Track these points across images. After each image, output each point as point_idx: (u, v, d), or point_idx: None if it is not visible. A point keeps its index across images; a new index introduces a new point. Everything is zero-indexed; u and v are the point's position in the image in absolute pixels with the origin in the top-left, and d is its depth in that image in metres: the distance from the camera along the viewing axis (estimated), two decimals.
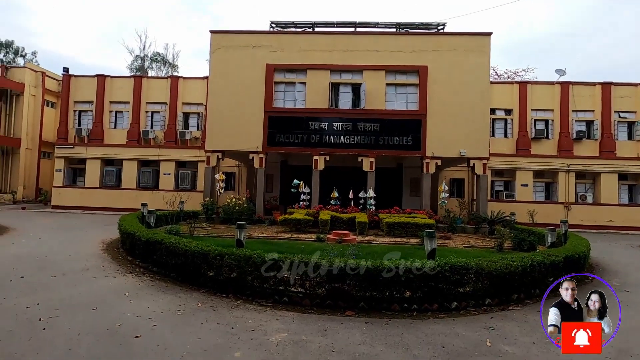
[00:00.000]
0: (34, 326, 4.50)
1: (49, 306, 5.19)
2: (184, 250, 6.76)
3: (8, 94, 25.31)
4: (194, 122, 23.19)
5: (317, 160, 16.56)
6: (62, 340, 4.12)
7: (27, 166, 25.82)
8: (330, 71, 16.95)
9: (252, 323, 4.83)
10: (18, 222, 14.67)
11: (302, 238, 11.98)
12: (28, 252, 9.01)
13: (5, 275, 6.79)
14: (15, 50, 44.96)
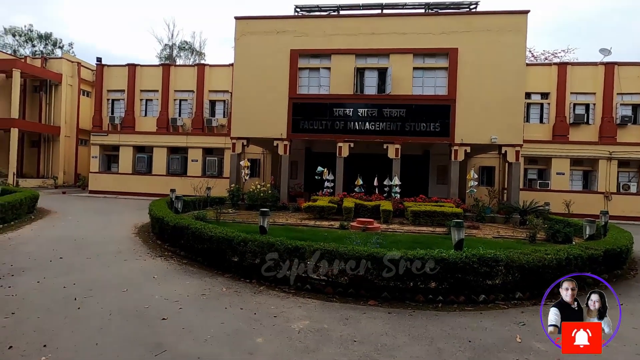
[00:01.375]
0: (70, 305, 4.74)
1: (84, 286, 5.46)
2: (209, 235, 6.89)
3: (48, 84, 26.61)
4: (220, 109, 23.49)
5: (341, 147, 16.38)
6: (95, 320, 4.32)
7: (66, 153, 27.24)
8: (355, 56, 16.55)
9: (275, 309, 4.86)
10: (58, 205, 15.56)
11: (326, 225, 11.97)
12: (67, 234, 9.54)
13: (46, 255, 7.21)
14: (54, 42, 46.97)
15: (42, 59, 27.76)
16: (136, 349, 3.67)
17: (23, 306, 4.64)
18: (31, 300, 4.86)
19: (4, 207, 10.26)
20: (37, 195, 13.57)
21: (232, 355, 3.62)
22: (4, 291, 5.16)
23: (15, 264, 6.54)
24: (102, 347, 3.66)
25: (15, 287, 5.33)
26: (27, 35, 45.37)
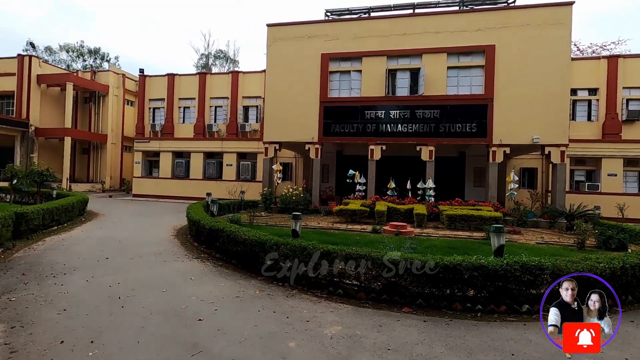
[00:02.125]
0: (115, 303, 5.01)
1: (127, 286, 5.76)
2: (243, 238, 7.04)
3: (96, 95, 28.62)
4: (253, 114, 24.08)
5: (373, 150, 16.19)
6: (137, 318, 4.53)
7: (113, 159, 29.09)
8: (386, 57, 16.35)
9: (307, 314, 4.86)
10: (106, 208, 16.60)
11: (358, 229, 11.85)
12: (112, 235, 10.13)
13: (94, 256, 7.69)
14: (102, 55, 50.47)
15: (92, 72, 29.91)
16: (174, 348, 3.79)
17: (74, 303, 4.97)
18: (81, 298, 5.19)
19: (58, 210, 11.10)
20: (87, 199, 14.55)
21: (265, 359, 3.65)
22: (58, 289, 5.55)
23: (67, 263, 7.03)
24: (143, 345, 3.83)
25: (67, 285, 5.72)
26: (78, 50, 49.08)
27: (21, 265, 6.78)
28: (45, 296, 5.20)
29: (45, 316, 4.50)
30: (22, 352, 3.60)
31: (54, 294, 5.29)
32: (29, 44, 46.99)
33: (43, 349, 3.67)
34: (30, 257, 7.43)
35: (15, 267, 6.65)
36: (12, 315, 4.48)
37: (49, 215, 10.38)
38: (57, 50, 48.58)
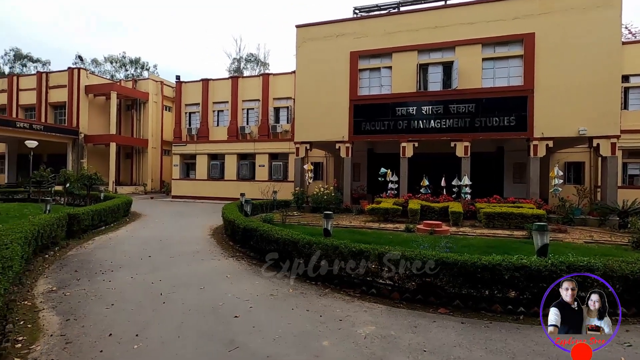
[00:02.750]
0: (157, 299, 5.27)
1: (168, 283, 6.03)
2: (276, 237, 7.15)
3: (137, 102, 30.26)
4: (283, 115, 24.42)
5: (404, 147, 15.87)
6: (177, 314, 4.73)
7: (153, 162, 30.63)
8: (417, 52, 15.95)
9: (340, 313, 4.85)
10: (148, 209, 17.52)
11: (391, 228, 11.67)
12: (154, 235, 10.67)
13: (138, 254, 8.14)
14: (142, 65, 53.36)
15: (133, 81, 31.67)
16: (212, 344, 3.92)
17: (120, 298, 5.28)
18: (126, 294, 5.50)
19: (106, 211, 11.85)
20: (131, 201, 15.42)
21: (299, 357, 3.68)
22: (106, 284, 5.93)
23: (114, 261, 7.49)
24: (184, 340, 3.99)
25: (114, 282, 6.09)
26: (121, 61, 52.18)
27: (74, 263, 7.30)
28: (95, 291, 5.57)
29: (95, 310, 4.82)
30: (76, 343, 3.87)
31: (102, 290, 5.66)
32: (77, 58, 50.65)
33: (94, 341, 3.93)
34: (81, 255, 7.99)
35: (69, 264, 7.18)
36: (66, 309, 4.84)
37: (97, 216, 11.11)
38: (102, 62, 51.96)
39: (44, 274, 6.53)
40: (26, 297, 5.28)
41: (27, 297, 5.28)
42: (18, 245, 5.63)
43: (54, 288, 5.72)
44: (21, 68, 51.40)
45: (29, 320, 4.45)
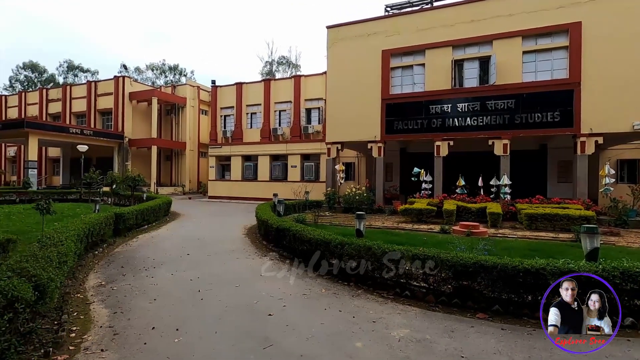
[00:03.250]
0: (195, 296, 5.48)
1: (206, 280, 6.26)
2: (308, 238, 7.21)
3: (176, 107, 31.70)
4: (315, 116, 24.58)
5: (439, 146, 15.42)
6: (214, 310, 4.90)
7: (191, 164, 31.95)
8: (452, 47, 15.46)
9: (373, 314, 4.80)
10: (186, 209, 18.29)
11: (425, 229, 11.39)
12: (192, 233, 11.12)
13: (177, 252, 8.51)
14: (180, 71, 55.87)
15: (172, 87, 33.24)
16: (247, 340, 4.02)
17: (162, 294, 5.55)
18: (167, 290, 5.78)
19: (148, 210, 12.52)
20: (171, 201, 16.18)
21: (332, 357, 3.68)
22: (149, 280, 6.25)
23: (156, 258, 7.89)
24: (220, 336, 4.12)
25: (156, 278, 6.41)
26: (161, 68, 54.93)
27: (120, 259, 7.78)
28: (139, 287, 5.90)
29: (140, 304, 5.10)
30: (122, 335, 4.12)
31: (146, 285, 5.98)
32: (122, 66, 53.92)
33: (138, 333, 4.16)
34: (127, 252, 8.49)
35: (115, 261, 7.65)
36: (114, 302, 5.16)
37: (141, 215, 11.76)
38: (144, 70, 54.97)
39: (94, 269, 7.00)
40: (79, 290, 5.69)
41: (79, 290, 5.69)
42: (72, 242, 6.09)
43: (102, 282, 6.12)
44: (73, 78, 55.59)
45: (81, 311, 4.80)
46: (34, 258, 4.54)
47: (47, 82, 54.39)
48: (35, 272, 4.02)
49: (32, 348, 3.67)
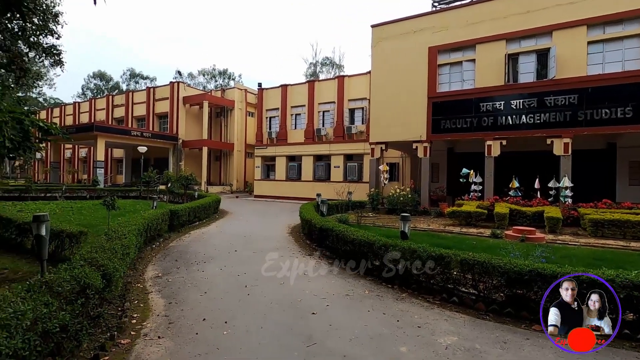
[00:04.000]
0: (242, 291, 5.70)
1: (252, 276, 6.49)
2: (351, 238, 7.18)
3: (225, 110, 33.19)
4: (358, 116, 24.43)
5: (490, 146, 14.61)
6: (260, 306, 5.06)
7: (238, 164, 33.26)
8: (505, 41, 14.58)
9: (418, 319, 4.67)
10: (233, 207, 19.08)
11: (474, 233, 10.86)
12: (239, 231, 11.57)
13: (226, 248, 8.91)
14: (229, 75, 58.40)
15: (221, 91, 34.83)
16: (291, 337, 4.11)
17: (211, 288, 5.85)
18: (216, 284, 6.07)
19: (199, 208, 13.24)
20: (220, 199, 16.96)
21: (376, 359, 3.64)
22: (200, 274, 6.62)
23: (206, 253, 8.32)
24: (266, 331, 4.25)
25: (206, 272, 6.76)
26: (211, 73, 57.85)
27: (174, 253, 8.31)
28: (192, 280, 6.26)
29: (192, 296, 5.41)
30: (177, 324, 4.40)
31: (197, 279, 6.33)
32: (177, 73, 57.56)
33: (190, 324, 4.42)
34: (180, 247, 9.05)
35: (170, 254, 8.19)
36: (169, 293, 5.53)
37: (192, 212, 12.47)
38: (196, 75, 58.21)
39: (152, 261, 7.55)
40: (139, 280, 6.17)
41: (139, 280, 6.17)
42: (133, 236, 6.62)
43: (159, 274, 6.58)
44: (134, 85, 60.38)
45: (140, 300, 5.20)
46: (101, 249, 5.00)
47: (113, 89, 59.67)
48: (103, 262, 4.43)
49: (99, 331, 4.05)
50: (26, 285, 3.40)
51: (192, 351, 3.73)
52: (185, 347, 3.81)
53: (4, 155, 4.88)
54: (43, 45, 11.77)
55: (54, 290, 3.38)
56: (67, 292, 3.49)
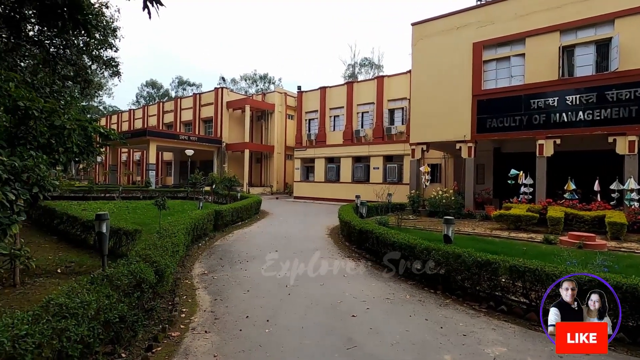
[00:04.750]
0: (283, 290, 5.81)
1: (292, 277, 6.59)
2: (392, 241, 7.06)
3: (265, 113, 34.09)
4: (398, 116, 23.97)
5: (542, 145, 13.68)
6: (300, 306, 5.13)
7: (278, 166, 33.98)
8: (559, 32, 13.60)
9: (463, 327, 4.48)
10: (273, 208, 19.52)
11: (524, 238, 10.22)
12: (280, 231, 11.81)
13: (267, 248, 9.14)
14: (269, 79, 59.97)
15: (262, 95, 35.83)
16: (332, 339, 4.12)
17: (254, 286, 6.02)
18: (258, 282, 6.24)
19: (242, 209, 13.71)
20: (261, 200, 17.44)
21: None
22: (243, 273, 6.84)
23: (248, 253, 8.59)
24: (307, 331, 4.30)
25: (249, 271, 6.98)
26: (252, 78, 59.71)
27: (219, 252, 8.67)
28: (235, 278, 6.49)
29: (235, 294, 5.61)
30: (222, 320, 4.59)
31: (240, 277, 6.55)
32: (220, 79, 60.10)
33: (235, 320, 4.58)
34: (224, 246, 9.42)
35: (215, 253, 8.56)
36: (215, 290, 5.78)
37: (235, 213, 12.94)
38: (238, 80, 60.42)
39: (198, 259, 7.94)
40: (187, 277, 6.51)
41: (187, 277, 6.51)
42: (182, 234, 7.01)
43: (205, 271, 6.90)
44: (182, 91, 63.89)
45: (189, 296, 5.49)
46: (154, 247, 5.35)
47: (163, 96, 63.60)
48: (156, 259, 4.74)
49: (152, 323, 4.33)
50: (89, 278, 3.73)
51: (236, 347, 3.87)
52: (230, 343, 3.96)
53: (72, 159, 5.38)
54: (103, 58, 12.85)
55: (114, 283, 3.68)
56: (125, 285, 3.77)
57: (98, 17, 10.51)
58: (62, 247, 8.24)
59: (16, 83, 4.11)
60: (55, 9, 3.66)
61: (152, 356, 3.61)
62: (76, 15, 3.78)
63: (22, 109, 4.05)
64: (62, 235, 9.20)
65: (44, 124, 4.35)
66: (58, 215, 9.42)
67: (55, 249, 8.08)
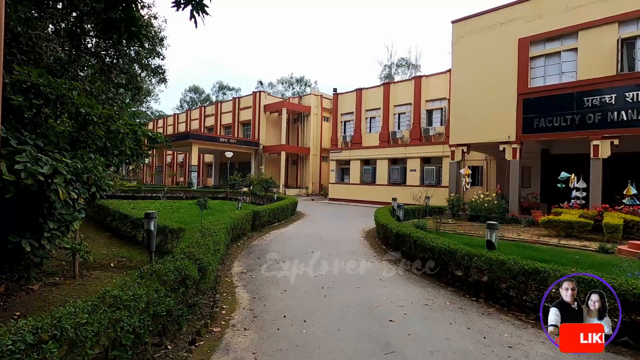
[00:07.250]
0: (319, 292, 5.84)
1: (328, 278, 6.61)
2: (431, 245, 6.86)
3: (302, 115, 34.54)
4: (437, 117, 23.30)
5: (597, 146, 12.68)
6: (337, 308, 5.13)
7: (313, 168, 34.27)
8: (617, 23, 12.57)
9: (509, 338, 4.25)
10: (309, 210, 19.69)
11: (576, 246, 9.51)
12: (315, 233, 11.89)
13: (303, 249, 9.23)
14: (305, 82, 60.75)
15: (298, 97, 36.36)
16: (369, 343, 4.07)
17: (290, 286, 6.11)
18: (295, 283, 6.32)
19: (278, 210, 13.97)
20: (296, 202, 17.67)
21: None
22: (280, 272, 6.96)
23: (285, 253, 8.73)
24: (343, 334, 4.29)
25: (286, 271, 7.09)
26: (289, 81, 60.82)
27: (256, 251, 8.89)
28: (272, 277, 6.62)
29: (273, 293, 5.72)
30: (260, 318, 4.70)
31: (278, 277, 6.67)
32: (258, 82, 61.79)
33: (272, 319, 4.67)
34: (261, 246, 9.65)
35: (253, 252, 8.78)
36: (253, 289, 5.93)
37: (272, 214, 13.20)
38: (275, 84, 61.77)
39: (237, 258, 8.19)
40: (227, 275, 6.74)
41: (227, 275, 6.74)
42: (223, 233, 7.26)
43: (244, 270, 7.10)
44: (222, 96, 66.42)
45: (229, 293, 5.67)
46: (197, 245, 5.59)
47: (205, 101, 66.48)
48: (199, 257, 4.96)
49: (195, 318, 4.53)
50: (139, 272, 3.97)
51: (274, 345, 3.94)
52: (268, 341, 4.05)
53: (124, 161, 5.78)
54: (151, 66, 13.70)
55: (161, 278, 3.89)
56: (172, 281, 3.98)
57: (147, 27, 11.22)
58: (114, 243, 8.85)
59: (78, 91, 4.48)
60: (113, 23, 3.96)
61: (195, 349, 3.77)
62: (131, 27, 4.07)
63: (83, 115, 4.41)
64: (114, 232, 9.89)
65: (102, 129, 4.72)
66: (111, 213, 10.14)
67: (108, 244, 8.70)
